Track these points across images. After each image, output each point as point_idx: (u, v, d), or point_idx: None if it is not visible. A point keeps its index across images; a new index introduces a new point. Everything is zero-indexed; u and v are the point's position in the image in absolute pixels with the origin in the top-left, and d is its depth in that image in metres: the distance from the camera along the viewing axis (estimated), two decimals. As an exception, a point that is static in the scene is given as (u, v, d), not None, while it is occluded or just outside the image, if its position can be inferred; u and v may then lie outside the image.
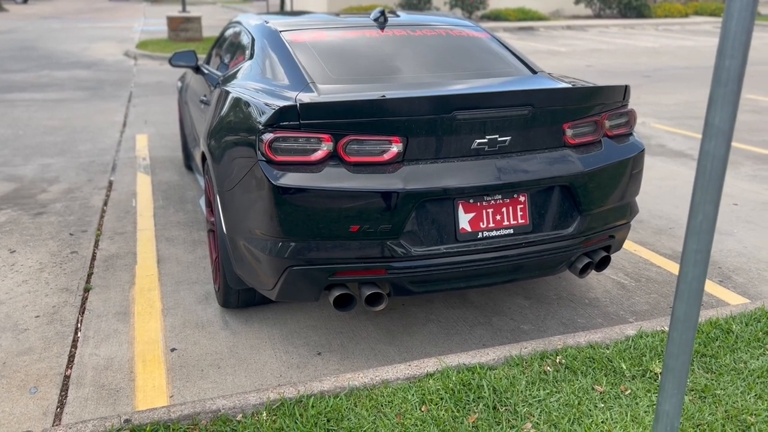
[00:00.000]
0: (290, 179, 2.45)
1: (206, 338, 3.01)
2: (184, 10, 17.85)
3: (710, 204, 1.42)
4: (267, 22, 3.59)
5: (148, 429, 2.21)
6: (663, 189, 5.23)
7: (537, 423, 2.27)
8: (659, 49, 15.67)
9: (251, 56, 3.42)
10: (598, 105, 2.84)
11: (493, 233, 2.64)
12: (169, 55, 4.58)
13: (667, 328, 2.87)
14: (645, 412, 2.33)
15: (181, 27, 15.62)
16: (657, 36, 19.31)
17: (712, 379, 2.53)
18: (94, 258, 3.88)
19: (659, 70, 12.20)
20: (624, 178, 2.89)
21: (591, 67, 12.48)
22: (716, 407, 2.36)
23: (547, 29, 21.02)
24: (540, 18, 22.70)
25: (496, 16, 22.31)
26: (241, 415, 2.31)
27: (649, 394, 2.43)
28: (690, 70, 12.13)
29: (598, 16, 25.11)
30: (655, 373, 2.55)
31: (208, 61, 4.56)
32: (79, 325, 3.12)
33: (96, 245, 4.06)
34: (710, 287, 3.50)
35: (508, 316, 3.23)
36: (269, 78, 3.09)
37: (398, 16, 3.83)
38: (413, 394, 2.41)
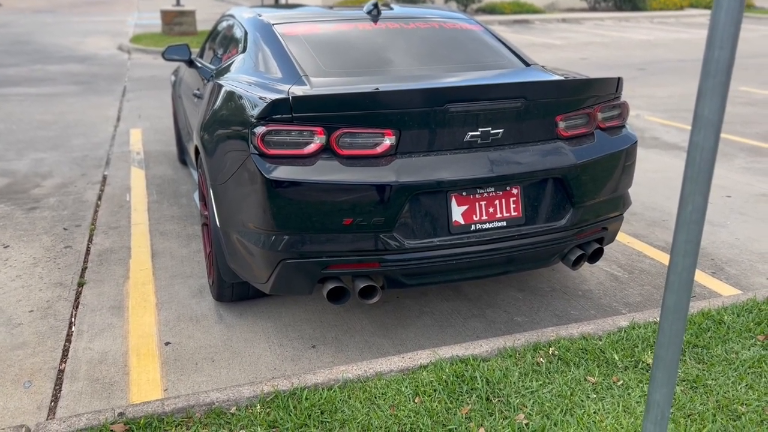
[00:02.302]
0: (283, 172, 2.45)
1: (200, 332, 3.01)
2: (178, 3, 17.75)
3: (700, 195, 1.43)
4: (260, 15, 3.58)
5: (142, 422, 2.22)
6: (656, 181, 5.24)
7: (530, 414, 2.29)
8: (654, 42, 15.68)
9: (244, 49, 3.41)
10: (591, 97, 2.84)
11: (486, 226, 2.65)
12: (162, 49, 4.58)
13: (658, 319, 2.89)
14: (637, 402, 2.34)
15: (175, 21, 15.53)
16: (652, 29, 19.32)
17: (704, 370, 2.55)
18: (88, 252, 3.87)
19: (654, 62, 12.21)
20: (617, 170, 2.90)
21: (586, 60, 12.48)
22: (707, 397, 2.38)
23: (542, 22, 20.99)
24: (535, 11, 22.66)
25: (492, 10, 22.27)
26: (235, 408, 2.32)
27: (641, 385, 2.44)
28: (685, 63, 12.14)
29: (593, 8, 25.08)
30: (647, 364, 2.57)
31: (201, 55, 4.55)
32: (73, 319, 3.12)
33: (90, 240, 4.06)
34: (703, 279, 3.52)
35: (501, 308, 3.24)
36: (262, 71, 3.09)
37: (392, 9, 3.82)
38: (407, 386, 2.42)
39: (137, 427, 2.20)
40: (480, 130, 2.60)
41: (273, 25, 3.39)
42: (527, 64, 3.34)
